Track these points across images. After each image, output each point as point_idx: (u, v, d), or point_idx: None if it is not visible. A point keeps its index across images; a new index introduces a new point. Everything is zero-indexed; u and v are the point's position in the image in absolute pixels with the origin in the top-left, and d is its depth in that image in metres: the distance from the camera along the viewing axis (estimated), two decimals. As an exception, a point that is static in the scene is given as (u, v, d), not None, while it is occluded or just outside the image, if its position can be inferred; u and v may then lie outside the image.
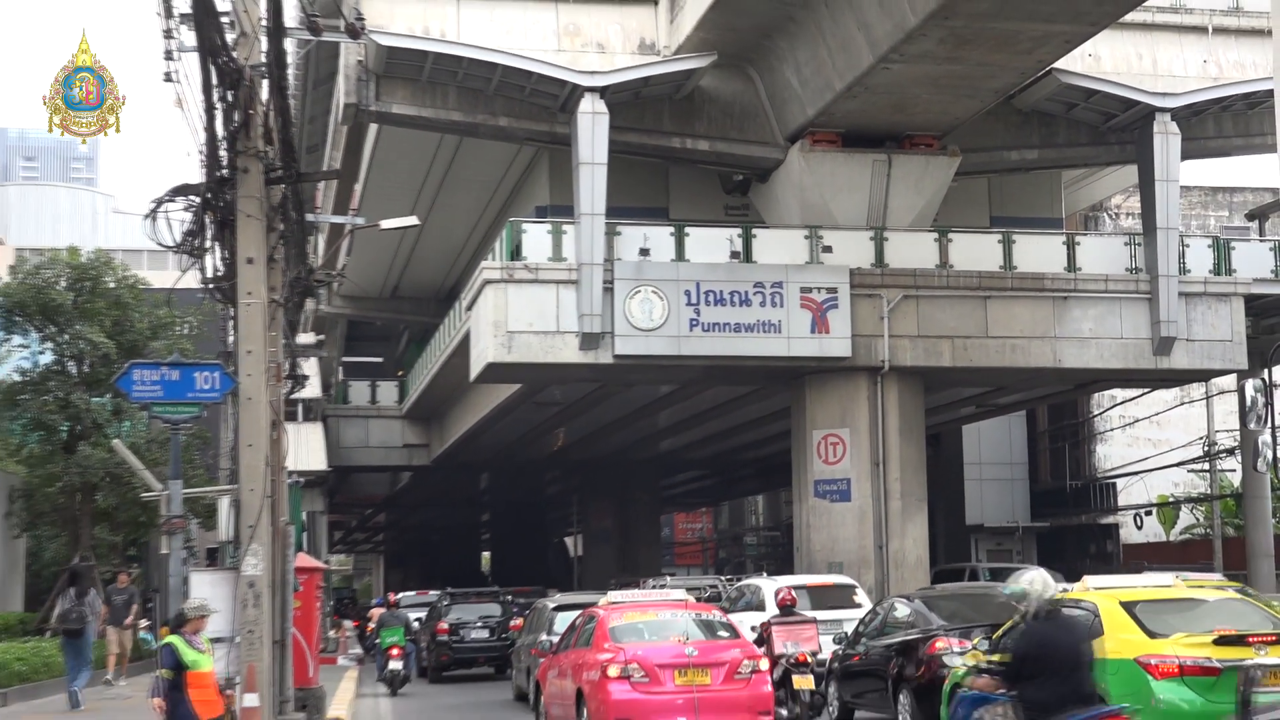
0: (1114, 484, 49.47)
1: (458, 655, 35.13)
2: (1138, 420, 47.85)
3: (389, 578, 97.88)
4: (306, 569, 22.06)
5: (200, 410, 21.21)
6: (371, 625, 38.91)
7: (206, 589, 17.11)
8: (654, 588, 30.96)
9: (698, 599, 26.24)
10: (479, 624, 35.28)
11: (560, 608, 26.59)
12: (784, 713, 19.13)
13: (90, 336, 36.74)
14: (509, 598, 38.19)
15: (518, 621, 32.20)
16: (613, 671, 17.59)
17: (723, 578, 41.42)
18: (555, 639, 22.55)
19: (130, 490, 31.84)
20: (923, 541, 34.58)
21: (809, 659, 19.46)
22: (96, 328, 36.87)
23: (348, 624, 50.06)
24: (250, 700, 15.37)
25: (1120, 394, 46.66)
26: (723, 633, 19.07)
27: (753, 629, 21.44)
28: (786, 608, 20.89)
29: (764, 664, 18.48)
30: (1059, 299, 34.83)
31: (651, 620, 19.21)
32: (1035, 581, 10.91)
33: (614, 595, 21.60)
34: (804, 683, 19.34)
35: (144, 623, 30.63)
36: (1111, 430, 50.00)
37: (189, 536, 19.92)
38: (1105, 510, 50.20)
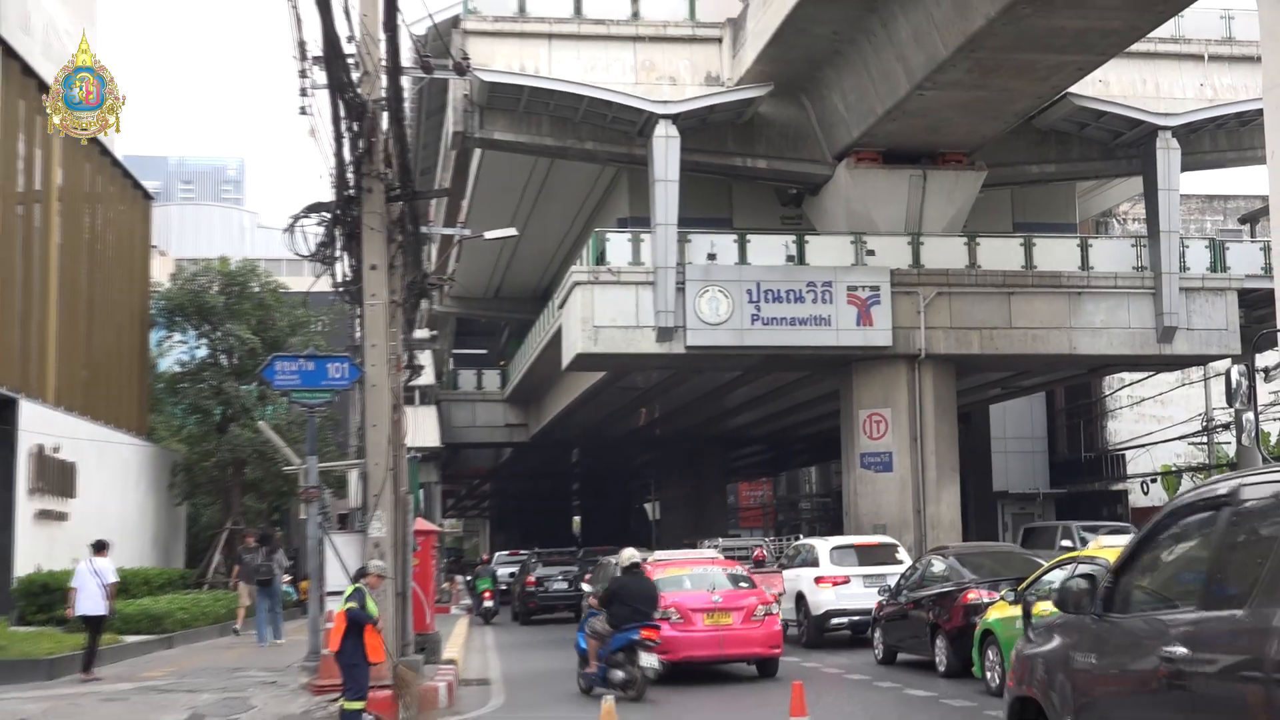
0: (1123, 455, 49.26)
1: (541, 602, 37.32)
2: (1144, 399, 47.63)
3: (494, 539, 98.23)
4: (423, 531, 22.24)
5: (332, 396, 21.40)
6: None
7: (344, 549, 17.32)
8: (706, 548, 31.89)
9: (741, 557, 30.32)
10: (559, 577, 37.40)
11: (614, 564, 26.68)
12: None
13: (239, 333, 37.28)
14: (583, 555, 40.69)
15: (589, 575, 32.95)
16: (659, 613, 18.46)
17: (767, 539, 41.85)
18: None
19: (273, 464, 32.21)
20: (955, 506, 34.58)
21: (776, 599, 21.40)
22: (244, 326, 37.40)
23: (459, 579, 50.40)
24: (376, 643, 15.56)
25: (1128, 377, 46.39)
26: (743, 584, 20.45)
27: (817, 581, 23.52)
28: (759, 563, 25.73)
29: (775, 608, 19.98)
30: (1074, 294, 34.77)
31: (688, 574, 20.78)
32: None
33: (659, 554, 24.14)
34: None
35: (286, 578, 30.95)
36: (1121, 408, 49.74)
37: (324, 504, 20.09)
38: (1115, 478, 49.97)
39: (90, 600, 20.02)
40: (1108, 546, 14.97)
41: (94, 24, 43.36)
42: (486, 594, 37.93)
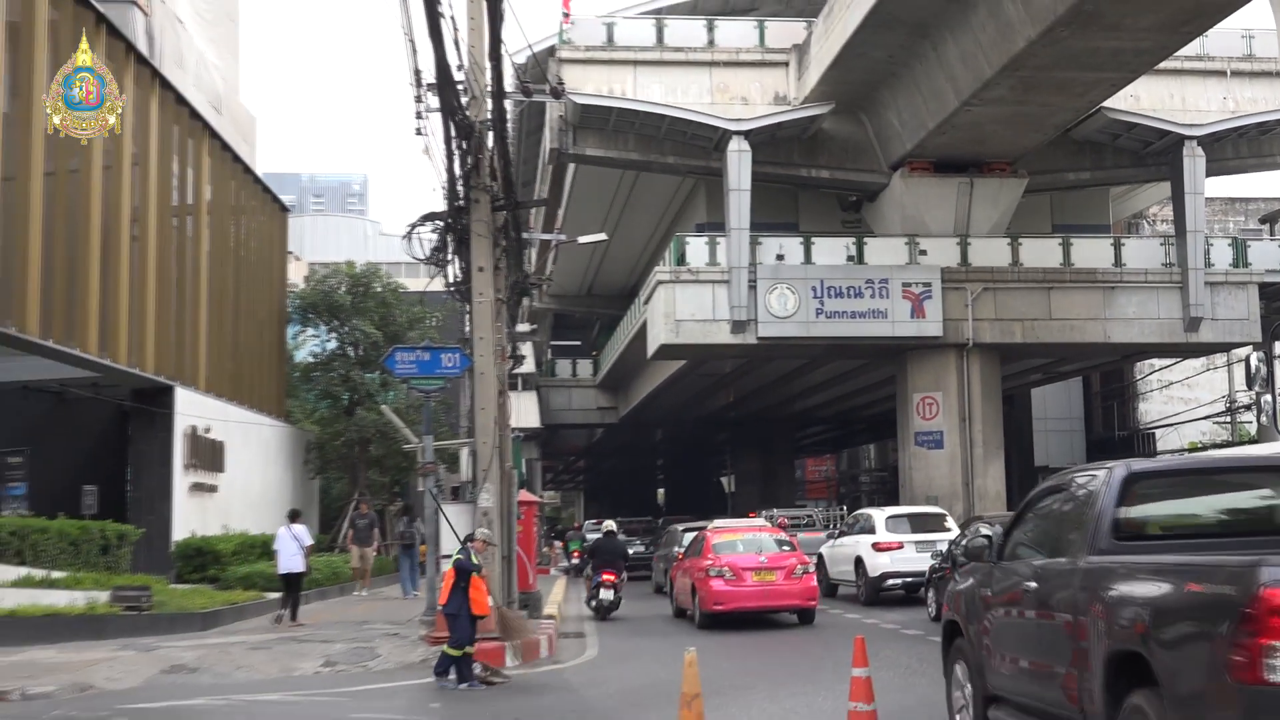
0: (1153, 434, 48.47)
1: (630, 563, 37.44)
2: (1172, 383, 46.93)
3: (587, 509, 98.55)
4: (526, 502, 22.35)
5: (445, 383, 21.51)
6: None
7: (455, 517, 17.45)
8: (765, 518, 32.68)
9: (798, 524, 33.87)
10: (637, 542, 38.89)
11: (687, 529, 28.46)
12: None
13: (363, 328, 37.68)
14: (660, 524, 42.30)
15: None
16: (713, 572, 20.46)
17: (816, 510, 42.12)
18: (681, 550, 25.05)
19: (394, 443, 32.51)
20: (1000, 479, 34.24)
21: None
22: (368, 321, 37.80)
23: (558, 544, 50.62)
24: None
25: (1158, 362, 45.70)
26: (786, 547, 21.45)
27: (875, 547, 23.75)
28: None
29: (812, 567, 21.49)
30: (1108, 289, 34.34)
31: (740, 539, 21.91)
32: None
33: (717, 522, 25.73)
34: None
35: (398, 538, 31.23)
36: (1151, 391, 48.96)
37: (438, 478, 20.22)
38: (1146, 455, 49.17)
39: (290, 560, 21.16)
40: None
41: (236, 59, 44.04)
42: (575, 554, 40.27)
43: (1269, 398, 36.29)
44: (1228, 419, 44.86)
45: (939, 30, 28.35)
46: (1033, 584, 7.91)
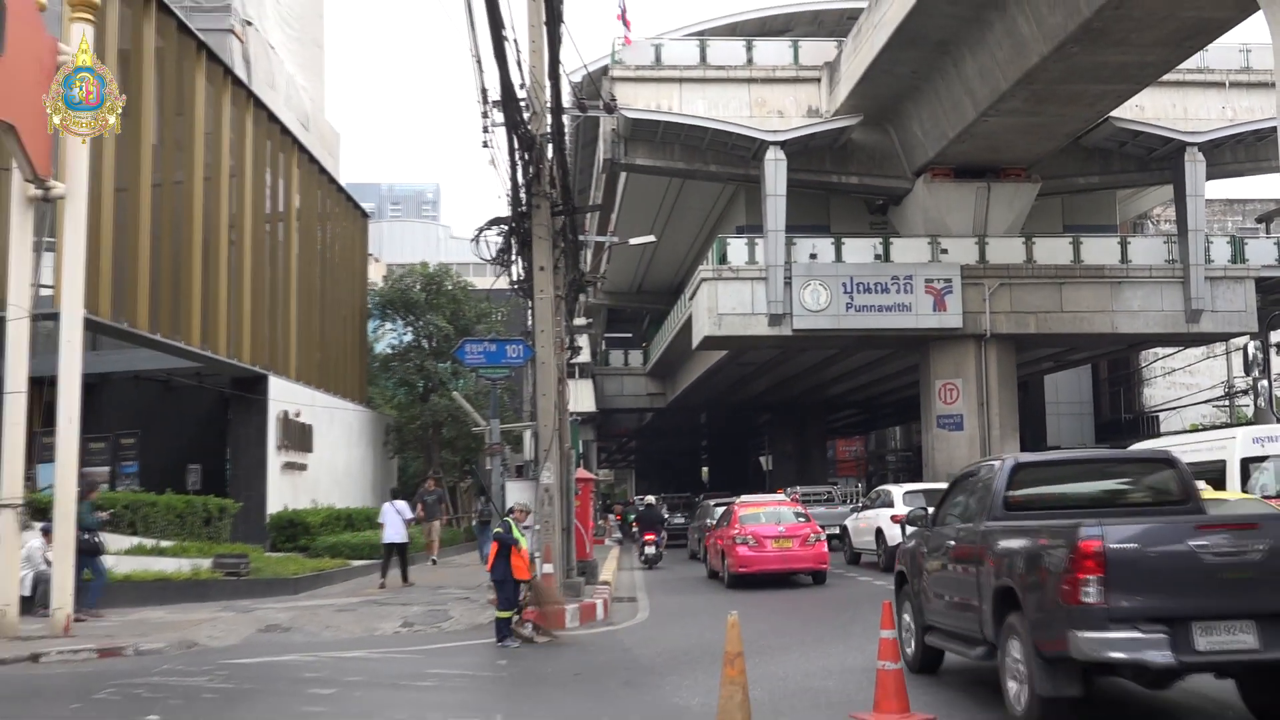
0: (1157, 417, 47.91)
1: (670, 533, 39.29)
2: (1174, 370, 46.41)
3: (638, 485, 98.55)
4: (583, 479, 22.38)
5: (510, 371, 21.67)
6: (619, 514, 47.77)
7: (517, 493, 17.54)
8: (789, 494, 32.93)
9: (818, 499, 35.24)
10: (678, 515, 41.46)
11: (717, 504, 29.72)
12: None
13: (436, 322, 37.89)
14: (700, 499, 42.82)
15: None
16: (739, 540, 21.79)
17: (837, 487, 42.07)
18: (713, 522, 26.45)
19: (465, 426, 32.68)
20: (1016, 459, 33.92)
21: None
22: (440, 316, 38.01)
23: (612, 517, 50.76)
24: (547, 568, 15.73)
25: (1161, 351, 45.24)
26: (801, 519, 22.68)
27: (893, 519, 23.22)
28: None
29: (824, 535, 22.56)
30: (1115, 283, 33.96)
31: (763, 511, 23.03)
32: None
33: (745, 498, 26.32)
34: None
35: (475, 514, 31.45)
36: (1155, 377, 48.41)
37: (504, 457, 20.37)
38: (1150, 436, 48.53)
39: (394, 531, 21.80)
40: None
41: (322, 81, 44.38)
42: (635, 522, 40.60)
43: (1265, 383, 35.90)
44: (1226, 403, 44.30)
45: (958, 48, 28.13)
46: (952, 542, 9.91)
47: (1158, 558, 7.55)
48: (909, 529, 12.85)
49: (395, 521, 21.88)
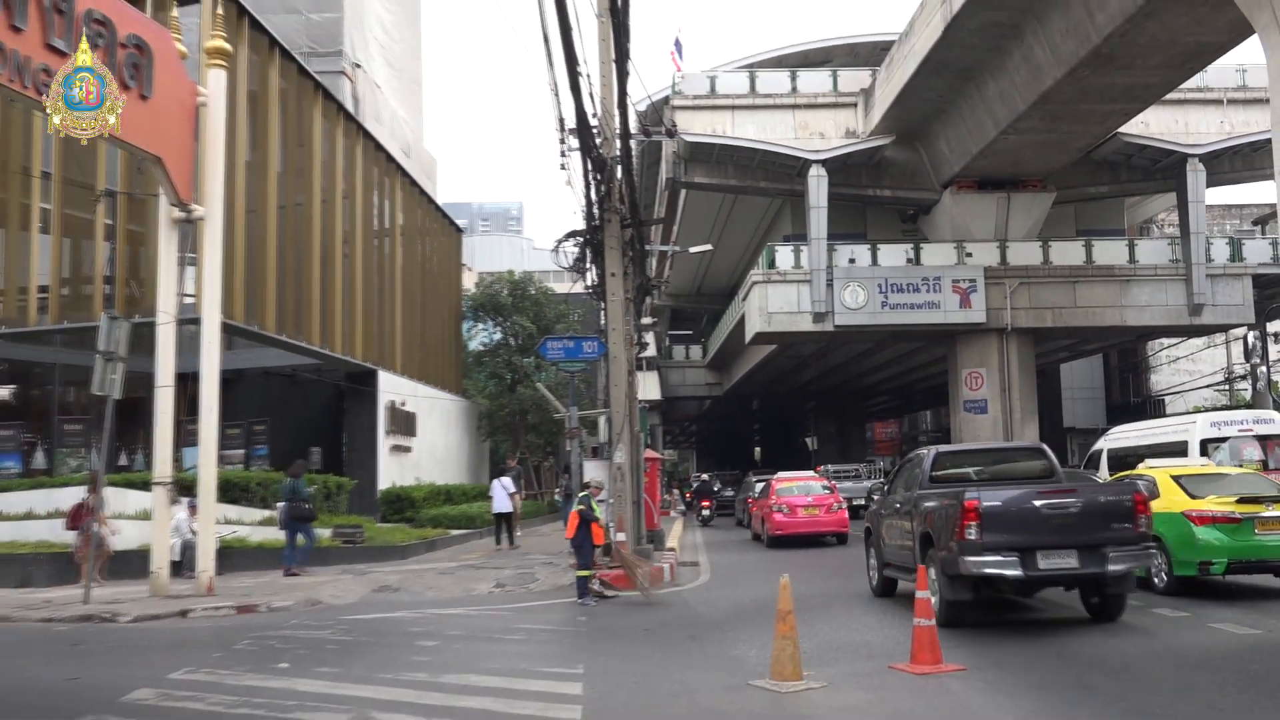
0: (1163, 400, 46.85)
1: (719, 504, 41.63)
2: (1179, 358, 45.42)
3: (699, 464, 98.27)
4: (650, 459, 22.41)
5: (586, 365, 21.73)
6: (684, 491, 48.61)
7: (594, 471, 17.58)
8: (822, 472, 33.79)
9: (845, 476, 35.95)
10: (728, 489, 43.42)
11: (758, 480, 31.36)
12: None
13: (521, 323, 38.11)
14: (745, 476, 43.55)
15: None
16: (775, 508, 23.32)
17: (862, 465, 41.78)
18: (755, 494, 28.14)
19: (547, 413, 32.88)
20: (1035, 439, 33.34)
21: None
22: (525, 317, 38.23)
23: (676, 492, 50.73)
24: (620, 536, 15.78)
25: (1166, 341, 44.25)
26: (827, 490, 24.23)
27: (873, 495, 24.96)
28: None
29: (844, 504, 23.68)
30: (1124, 281, 33.27)
31: (796, 485, 24.57)
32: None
33: (782, 474, 27.40)
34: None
35: (558, 490, 31.60)
36: (1161, 364, 47.34)
37: (582, 440, 20.42)
38: (1157, 417, 47.61)
39: (500, 503, 23.06)
40: (1152, 467, 14.30)
41: (421, 114, 44.74)
42: (688, 495, 45.25)
43: (1263, 369, 35.25)
44: (1226, 387, 43.28)
45: (980, 74, 27.73)
46: (898, 505, 12.44)
47: (1014, 511, 10.02)
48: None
49: (502, 495, 23.03)
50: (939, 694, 7.53)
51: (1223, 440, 18.16)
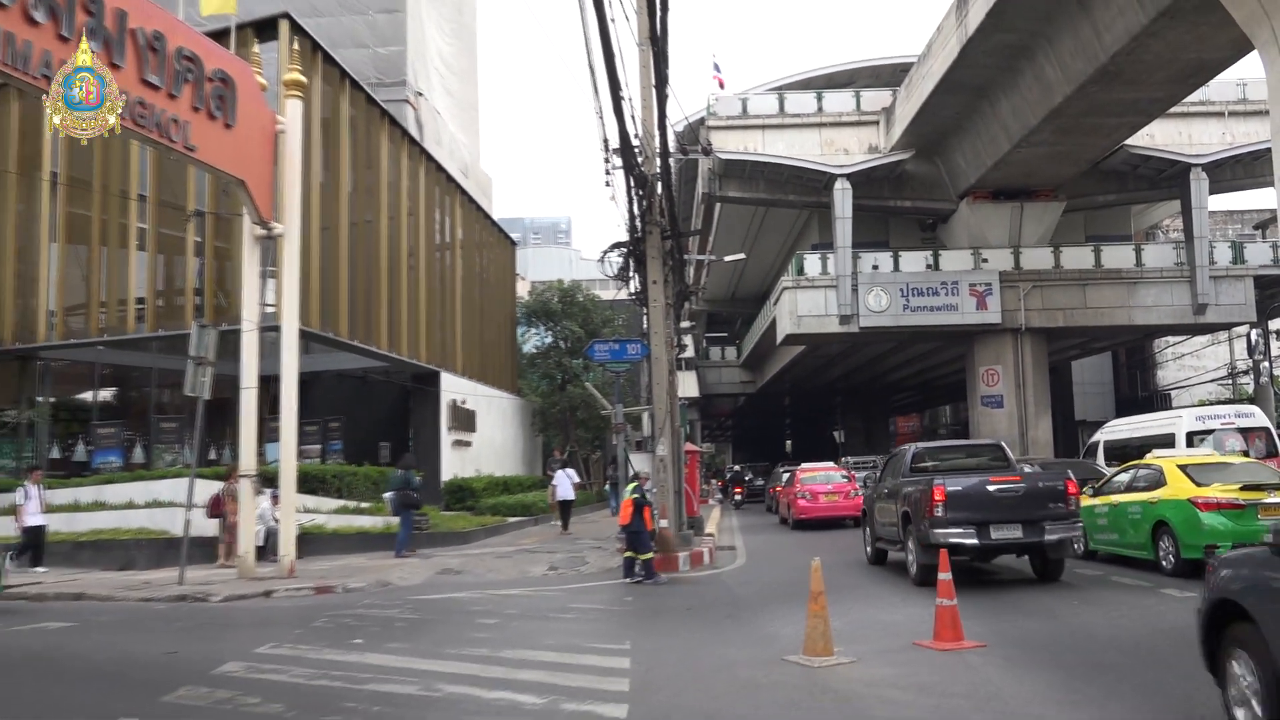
0: (1169, 394, 46.05)
1: (750, 492, 43.25)
2: (1184, 355, 44.56)
3: (734, 456, 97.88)
4: (690, 451, 22.39)
5: (630, 365, 21.73)
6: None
7: (638, 464, 17.59)
8: (844, 463, 33.83)
9: (864, 467, 34.18)
10: (758, 479, 44.39)
11: (784, 470, 32.53)
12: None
13: (570, 327, 38.24)
14: (776, 467, 44.20)
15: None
16: (799, 494, 24.25)
17: (879, 458, 41.56)
18: (782, 482, 28.88)
19: (594, 410, 32.97)
20: (1048, 431, 33.04)
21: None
22: (573, 322, 38.35)
23: (715, 481, 50.61)
24: (663, 523, 15.77)
25: (1172, 339, 43.48)
26: (845, 478, 24.84)
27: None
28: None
29: (860, 492, 23.21)
30: (1131, 283, 32.77)
31: (817, 474, 25.32)
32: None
33: (805, 465, 28.27)
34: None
35: (606, 480, 31.65)
36: (1167, 361, 46.51)
37: (627, 434, 20.44)
38: (1163, 409, 46.75)
39: (564, 491, 23.77)
40: (1159, 457, 14.06)
41: (477, 137, 44.96)
42: (721, 483, 46.90)
43: (1265, 364, 34.56)
44: (1230, 382, 42.45)
45: (994, 91, 27.42)
46: (886, 490, 14.04)
47: (972, 494, 11.76)
48: (1111, 499, 14.07)
49: (565, 484, 23.72)
50: (961, 668, 7.44)
51: (1207, 433, 18.34)
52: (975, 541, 11.56)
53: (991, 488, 11.73)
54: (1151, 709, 6.23)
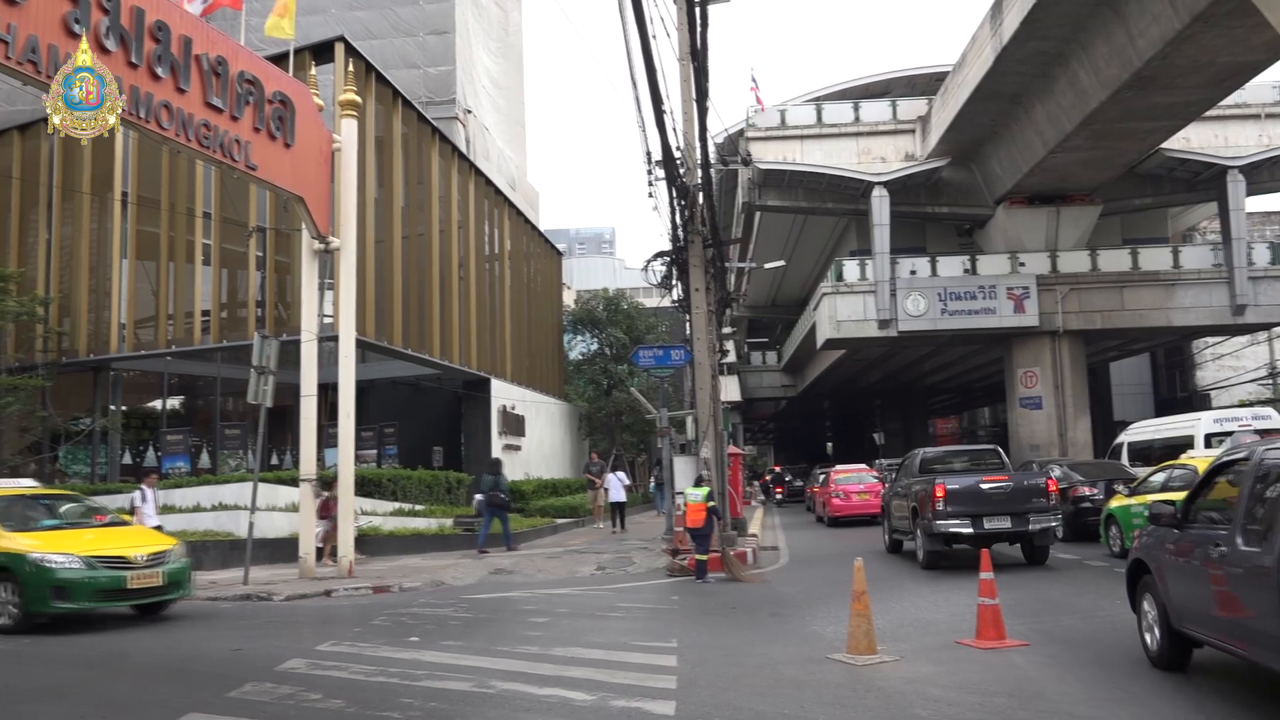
0: (1209, 394, 45.02)
1: (790, 492, 44.54)
2: (1222, 355, 43.59)
3: (776, 458, 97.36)
4: (733, 454, 22.26)
5: (673, 371, 21.67)
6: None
7: (683, 466, 17.53)
8: (878, 465, 32.72)
9: (897, 467, 34.64)
10: (797, 480, 45.14)
11: (820, 471, 32.61)
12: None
13: (615, 334, 38.24)
14: (813, 469, 43.41)
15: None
16: (834, 494, 25.14)
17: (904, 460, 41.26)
18: (818, 483, 29.33)
19: (639, 414, 32.91)
20: (1087, 432, 32.41)
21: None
22: (618, 329, 38.34)
23: (756, 483, 50.36)
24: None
25: (1211, 340, 42.52)
26: (876, 479, 25.48)
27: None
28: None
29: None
30: (1169, 285, 32.13)
31: (850, 475, 26.17)
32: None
33: (840, 467, 28.80)
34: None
35: (652, 480, 31.58)
36: (1205, 361, 45.50)
37: (671, 437, 20.35)
38: (1203, 409, 45.66)
39: (615, 493, 24.10)
40: (1195, 458, 13.88)
41: (524, 152, 45.19)
42: (761, 481, 49.18)
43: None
44: (1270, 382, 41.43)
45: (1029, 98, 27.04)
46: (900, 488, 15.55)
47: (968, 491, 13.40)
48: (1145, 499, 14.07)
49: (617, 486, 24.07)
50: (1004, 667, 7.32)
51: (1226, 434, 18.29)
52: (970, 530, 13.18)
53: (984, 486, 13.40)
54: (1195, 706, 6.07)
